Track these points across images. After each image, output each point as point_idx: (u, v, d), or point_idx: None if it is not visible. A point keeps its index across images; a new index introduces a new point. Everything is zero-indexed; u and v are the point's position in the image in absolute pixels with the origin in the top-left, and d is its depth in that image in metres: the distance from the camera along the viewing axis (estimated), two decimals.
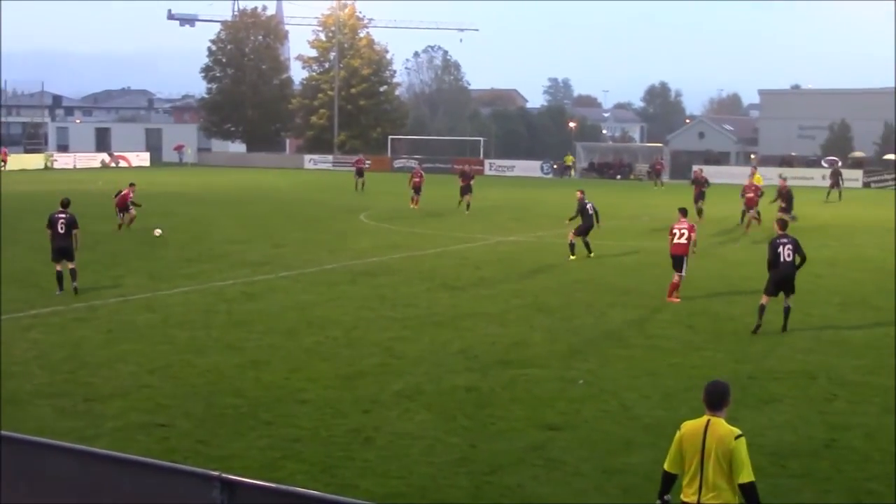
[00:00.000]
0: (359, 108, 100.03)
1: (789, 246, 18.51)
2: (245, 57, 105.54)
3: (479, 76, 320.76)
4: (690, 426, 7.67)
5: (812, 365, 16.15)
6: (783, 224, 19.25)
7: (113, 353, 16.24)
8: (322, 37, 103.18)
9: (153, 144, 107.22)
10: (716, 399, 7.65)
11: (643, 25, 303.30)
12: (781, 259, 18.46)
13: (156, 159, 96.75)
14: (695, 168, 51.21)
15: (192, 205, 39.55)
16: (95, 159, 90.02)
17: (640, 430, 12.55)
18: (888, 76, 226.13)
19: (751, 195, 37.43)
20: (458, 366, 15.71)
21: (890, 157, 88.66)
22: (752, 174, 43.05)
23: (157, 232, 31.80)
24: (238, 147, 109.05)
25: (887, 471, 11.25)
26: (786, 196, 37.19)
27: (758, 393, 14.34)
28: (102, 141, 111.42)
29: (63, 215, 21.45)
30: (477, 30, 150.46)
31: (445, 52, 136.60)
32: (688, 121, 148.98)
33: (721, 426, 7.51)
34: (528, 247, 31.81)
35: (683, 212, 22.90)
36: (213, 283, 23.54)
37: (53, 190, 51.35)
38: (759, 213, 37.30)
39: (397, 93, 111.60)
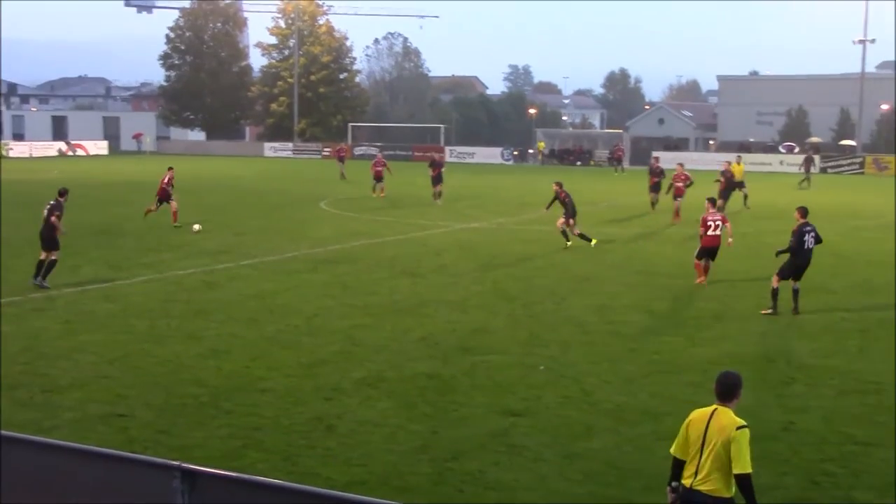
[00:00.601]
0: (319, 96, 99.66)
1: (812, 234, 18.86)
2: (204, 44, 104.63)
3: (440, 63, 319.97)
4: (698, 413, 7.82)
5: (770, 349, 16.33)
6: (804, 212, 19.28)
7: (71, 343, 16.10)
8: (281, 24, 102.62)
9: (111, 133, 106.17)
10: (725, 391, 7.80)
11: (603, 12, 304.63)
12: (806, 247, 18.72)
13: (114, 148, 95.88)
14: (654, 155, 51.41)
15: (150, 193, 39.06)
16: (52, 148, 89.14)
17: (601, 416, 12.63)
18: (844, 63, 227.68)
19: (679, 185, 35.20)
20: (419, 353, 15.73)
21: (846, 142, 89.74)
22: (738, 161, 42.46)
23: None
24: (197, 135, 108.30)
25: (843, 452, 11.41)
26: (728, 178, 37.16)
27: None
28: (59, 129, 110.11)
29: (50, 203, 21.14)
30: (437, 17, 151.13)
31: (405, 39, 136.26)
32: (647, 107, 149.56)
33: (725, 416, 7.64)
34: (489, 233, 31.85)
35: (712, 202, 22.94)
36: (173, 272, 23.38)
37: (8, 179, 50.73)
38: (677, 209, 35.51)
39: (357, 80, 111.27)
